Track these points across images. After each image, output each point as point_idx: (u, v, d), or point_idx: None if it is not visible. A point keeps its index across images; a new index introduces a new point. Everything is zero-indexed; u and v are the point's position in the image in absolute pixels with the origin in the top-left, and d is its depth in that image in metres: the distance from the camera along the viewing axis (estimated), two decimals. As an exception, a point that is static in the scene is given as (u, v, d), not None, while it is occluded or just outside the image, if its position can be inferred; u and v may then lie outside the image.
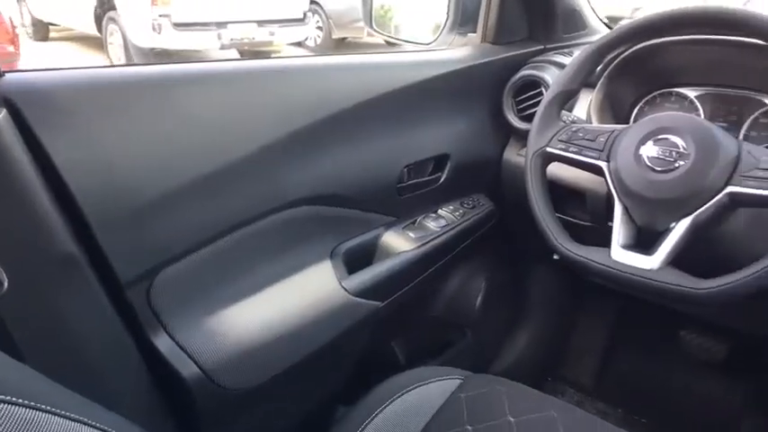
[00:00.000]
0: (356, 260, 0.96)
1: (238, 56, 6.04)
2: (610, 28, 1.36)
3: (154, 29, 5.32)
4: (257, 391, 0.80)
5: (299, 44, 6.64)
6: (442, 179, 1.09)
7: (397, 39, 1.23)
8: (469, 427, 0.76)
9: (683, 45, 0.95)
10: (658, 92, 1.04)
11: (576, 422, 0.77)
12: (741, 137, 0.96)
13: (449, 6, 1.22)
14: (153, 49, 5.49)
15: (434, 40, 1.23)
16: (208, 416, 0.78)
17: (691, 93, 1.01)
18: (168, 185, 0.71)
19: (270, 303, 0.83)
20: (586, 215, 1.02)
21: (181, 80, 0.76)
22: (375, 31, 1.24)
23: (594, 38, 1.28)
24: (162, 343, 0.73)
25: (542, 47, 1.20)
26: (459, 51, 1.13)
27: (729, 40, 0.88)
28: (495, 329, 1.42)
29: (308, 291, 0.88)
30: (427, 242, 1.02)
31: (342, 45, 7.48)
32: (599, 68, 0.98)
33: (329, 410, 1.02)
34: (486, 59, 1.12)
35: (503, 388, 0.82)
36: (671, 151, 0.76)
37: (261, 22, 5.75)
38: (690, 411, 1.39)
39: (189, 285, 0.75)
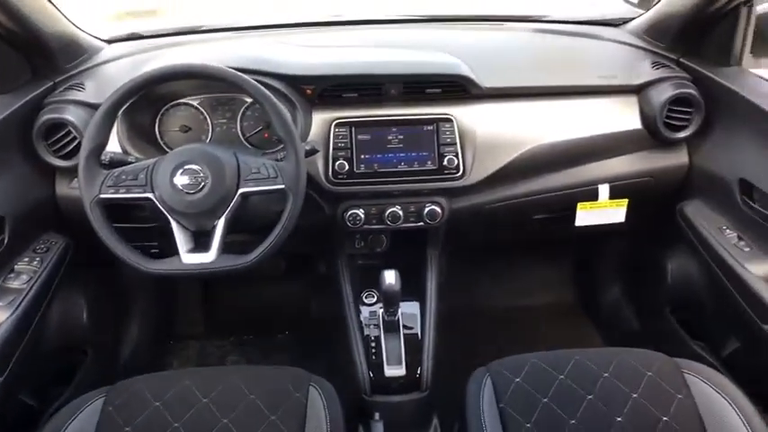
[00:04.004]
0: None
1: None
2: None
3: None
4: None
5: None
6: (6, 241, 1.11)
7: None
8: (128, 429, 0.93)
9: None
10: (170, 104, 1.29)
11: (207, 377, 1.03)
12: (239, 125, 1.30)
13: None
14: None
15: None
16: None
17: (194, 101, 1.30)
18: None
19: None
20: (151, 221, 1.24)
21: None
22: None
23: (96, 57, 1.41)
24: None
25: (52, 83, 1.27)
26: None
27: None
28: (111, 337, 1.57)
29: None
30: (19, 303, 1.07)
31: None
32: None
33: None
34: (3, 114, 1.13)
35: (141, 384, 1.00)
36: (195, 177, 1.03)
37: None
38: (275, 313, 1.90)
39: None
